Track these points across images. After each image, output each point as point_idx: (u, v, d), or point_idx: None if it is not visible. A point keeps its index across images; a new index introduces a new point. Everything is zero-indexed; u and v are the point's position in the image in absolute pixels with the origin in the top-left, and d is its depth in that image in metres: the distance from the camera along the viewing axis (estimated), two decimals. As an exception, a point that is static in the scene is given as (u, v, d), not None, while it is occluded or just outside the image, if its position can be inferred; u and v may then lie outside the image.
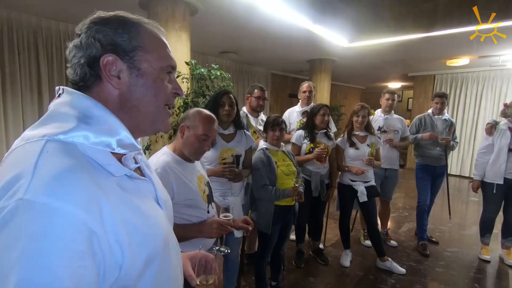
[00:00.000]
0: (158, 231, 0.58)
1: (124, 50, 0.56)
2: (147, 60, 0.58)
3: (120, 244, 0.47)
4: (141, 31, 0.58)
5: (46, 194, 0.42)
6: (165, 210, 0.66)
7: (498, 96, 6.51)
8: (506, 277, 2.74)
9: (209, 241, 1.46)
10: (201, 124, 1.31)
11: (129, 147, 0.56)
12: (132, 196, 0.55)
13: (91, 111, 0.53)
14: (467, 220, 4.20)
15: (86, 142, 0.50)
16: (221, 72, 3.08)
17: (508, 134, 2.80)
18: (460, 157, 6.99)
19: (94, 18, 0.57)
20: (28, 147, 0.48)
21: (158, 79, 0.60)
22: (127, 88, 0.57)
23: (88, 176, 0.47)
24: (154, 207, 0.62)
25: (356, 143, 2.73)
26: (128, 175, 0.56)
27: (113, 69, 0.55)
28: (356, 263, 2.87)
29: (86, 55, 0.54)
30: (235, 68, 6.72)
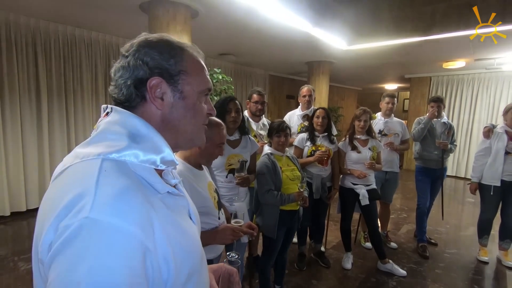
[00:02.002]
0: (196, 247, 0.60)
1: (170, 73, 0.58)
2: (189, 83, 0.61)
3: (167, 261, 0.49)
4: (185, 56, 0.61)
5: (109, 213, 0.43)
6: (196, 225, 0.68)
7: (493, 98, 6.61)
8: (504, 278, 2.79)
9: (219, 247, 1.48)
10: (217, 133, 1.33)
11: (170, 163, 0.59)
12: (174, 212, 0.57)
13: (139, 130, 0.55)
14: (464, 221, 4.27)
15: (135, 160, 0.52)
16: (223, 75, 3.09)
17: (505, 138, 2.86)
18: (456, 158, 7.08)
19: (142, 41, 0.59)
20: (85, 166, 0.49)
21: (197, 101, 0.63)
22: (169, 109, 0.59)
23: (141, 195, 0.49)
24: (190, 223, 0.64)
25: (357, 147, 2.75)
26: (170, 191, 0.58)
27: (158, 91, 0.58)
28: (358, 266, 2.90)
29: (133, 77, 0.57)
30: (234, 70, 6.74)
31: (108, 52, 4.51)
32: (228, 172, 1.86)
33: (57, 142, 4.09)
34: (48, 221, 0.44)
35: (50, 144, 4.06)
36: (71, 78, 4.16)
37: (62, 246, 0.41)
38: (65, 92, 4.13)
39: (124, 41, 4.66)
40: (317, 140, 2.68)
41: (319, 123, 2.65)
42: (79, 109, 4.29)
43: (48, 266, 0.42)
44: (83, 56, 4.25)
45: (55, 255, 0.41)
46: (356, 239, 3.39)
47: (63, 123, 4.14)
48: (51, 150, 4.07)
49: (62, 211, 0.43)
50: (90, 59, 4.34)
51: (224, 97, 1.95)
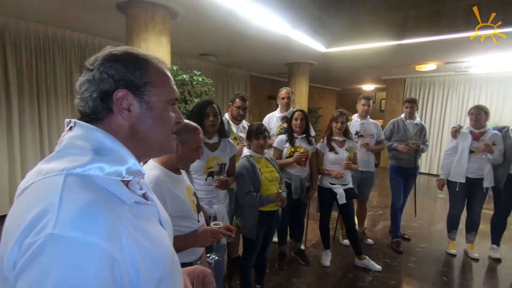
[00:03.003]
0: (165, 252, 0.62)
1: (136, 85, 0.60)
2: (156, 94, 0.62)
3: (136, 269, 0.51)
4: (150, 68, 0.63)
5: (73, 228, 0.44)
6: (167, 230, 0.69)
7: (461, 99, 7.00)
8: (470, 269, 2.98)
9: (199, 250, 1.50)
10: (193, 137, 1.34)
11: (136, 173, 0.60)
12: (142, 221, 0.58)
13: (103, 143, 0.56)
14: (435, 216, 4.50)
15: (100, 174, 0.54)
16: (203, 77, 3.09)
17: (469, 137, 3.05)
18: (429, 156, 7.43)
19: (106, 54, 0.60)
20: (49, 182, 0.50)
21: (164, 111, 0.64)
22: (136, 120, 0.61)
23: (107, 207, 0.50)
24: (160, 229, 0.65)
25: (335, 148, 2.85)
26: (137, 201, 0.60)
27: (125, 103, 0.59)
28: (336, 262, 3.00)
29: (98, 90, 0.58)
30: (215, 70, 6.72)
31: (83, 52, 4.38)
32: (208, 175, 1.88)
33: (28, 147, 3.92)
34: (12, 238, 0.45)
35: (22, 148, 3.88)
36: (44, 79, 4.01)
37: (26, 264, 0.42)
38: (37, 94, 3.97)
39: (101, 40, 4.56)
40: (296, 142, 2.75)
41: (298, 125, 2.72)
42: (52, 111, 4.13)
43: (13, 284, 0.43)
44: (57, 56, 4.10)
45: (20, 272, 0.42)
46: (335, 237, 3.50)
47: (35, 127, 3.97)
48: (23, 155, 3.90)
49: (26, 229, 0.44)
50: (64, 59, 4.19)
51: (201, 101, 1.96)
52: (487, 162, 2.99)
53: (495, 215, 3.18)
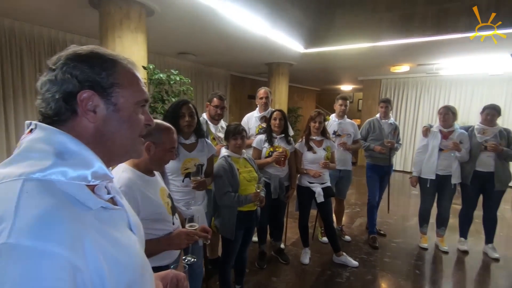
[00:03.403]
0: (135, 258, 0.60)
1: (102, 86, 0.58)
2: (124, 95, 0.60)
3: (101, 277, 0.49)
4: (117, 68, 0.60)
5: (29, 237, 0.42)
6: (137, 236, 0.68)
7: (432, 100, 7.34)
8: (440, 262, 3.13)
9: (175, 252, 1.47)
10: (167, 138, 1.31)
11: (103, 177, 0.58)
12: (109, 227, 0.56)
13: (67, 146, 0.54)
14: (409, 212, 4.68)
15: (63, 179, 0.51)
16: (181, 77, 3.04)
17: (439, 136, 3.20)
18: (403, 154, 7.72)
19: (70, 54, 0.58)
20: (5, 188, 0.47)
21: (133, 113, 0.63)
22: (102, 122, 0.59)
23: (69, 214, 0.48)
24: (129, 235, 0.63)
25: (313, 147, 2.89)
26: (104, 206, 0.57)
27: (90, 104, 0.57)
28: (315, 260, 3.05)
29: (62, 91, 0.55)
30: (194, 69, 6.63)
31: (54, 48, 4.18)
32: (185, 176, 1.85)
33: (-6, 148, 3.70)
34: None
35: (-14, 149, 3.66)
36: (10, 77, 3.78)
37: None
38: (3, 93, 3.74)
39: (73, 37, 4.38)
40: (275, 141, 2.77)
41: (276, 124, 2.74)
42: (20, 112, 3.90)
43: None
44: (25, 53, 3.89)
45: None
46: (314, 235, 3.56)
47: (1, 129, 3.74)
48: (-13, 157, 3.67)
49: None
50: (32, 56, 3.98)
51: (177, 101, 1.92)
52: (455, 159, 3.15)
53: (463, 210, 3.35)
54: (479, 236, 3.47)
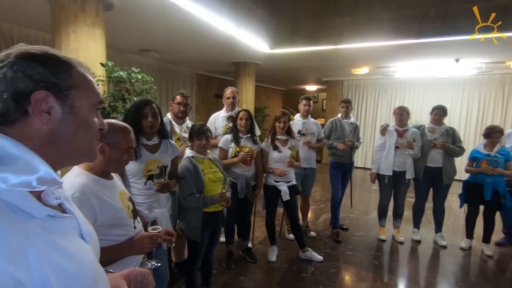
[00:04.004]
0: (86, 267, 0.57)
1: (59, 88, 0.56)
2: (80, 98, 0.59)
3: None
4: (73, 71, 0.59)
5: None
6: (90, 244, 0.65)
7: (389, 101, 7.84)
8: (396, 252, 3.35)
9: (138, 258, 1.42)
10: (123, 138, 1.25)
11: (50, 182, 0.54)
12: (57, 236, 0.53)
13: (8, 151, 0.50)
14: (369, 206, 4.95)
15: (3, 186, 0.47)
16: (143, 75, 2.92)
17: (395, 135, 3.43)
18: (364, 152, 8.16)
19: (22, 52, 0.54)
20: None
21: (89, 116, 0.62)
22: (56, 125, 0.56)
23: (9, 224, 0.45)
24: (80, 244, 0.60)
25: (279, 147, 2.94)
26: (51, 215, 0.54)
27: (44, 105, 0.54)
28: (282, 257, 3.11)
29: (11, 89, 0.52)
30: (158, 67, 6.41)
31: None
32: (147, 178, 1.79)
33: None
34: None
35: None
36: None
37: None
38: None
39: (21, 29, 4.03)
40: (241, 141, 2.77)
41: (243, 124, 2.75)
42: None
43: None
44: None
45: None
46: (281, 232, 3.63)
47: None
48: None
49: None
50: (-28, 48, 3.58)
51: (139, 100, 1.85)
52: (409, 156, 3.40)
53: (416, 203, 3.63)
54: (430, 226, 3.78)
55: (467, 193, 3.34)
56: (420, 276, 2.87)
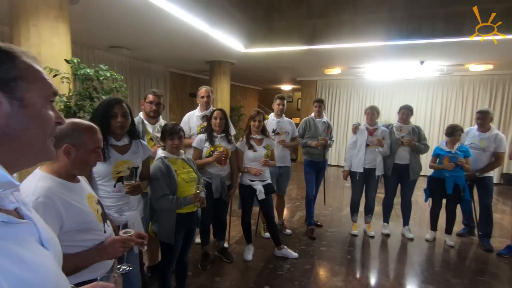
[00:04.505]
0: (45, 276, 0.54)
1: (3, 80, 0.52)
2: (30, 90, 0.55)
3: None
4: (18, 61, 0.55)
5: None
6: (51, 251, 0.61)
7: (360, 100, 8.14)
8: (368, 246, 3.49)
9: (109, 263, 1.36)
10: (89, 138, 1.19)
11: (5, 185, 0.51)
12: (12, 243, 0.50)
13: None
14: (342, 203, 5.11)
15: None
16: (112, 72, 2.80)
17: (366, 133, 3.56)
18: (337, 150, 8.40)
19: None
20: None
21: (42, 108, 0.57)
22: (5, 120, 0.52)
23: None
24: (39, 250, 0.57)
25: (254, 146, 2.95)
26: (5, 221, 0.51)
27: None
28: (258, 256, 3.13)
29: None
30: (129, 65, 6.19)
31: None
32: (117, 180, 1.72)
33: None
34: None
35: None
36: None
37: None
38: None
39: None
40: (216, 141, 2.75)
41: (217, 124, 2.72)
42: None
43: None
44: None
45: None
46: (257, 231, 3.65)
47: None
48: None
49: None
50: None
51: (108, 99, 1.77)
52: (379, 154, 3.55)
53: (385, 198, 3.80)
54: (398, 220, 3.97)
55: (431, 188, 3.55)
56: (389, 268, 3.01)
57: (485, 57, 5.29)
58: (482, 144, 3.43)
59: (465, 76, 6.99)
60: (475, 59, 5.55)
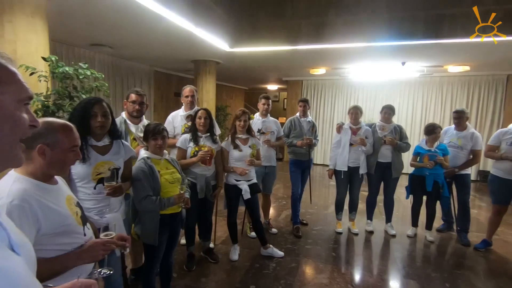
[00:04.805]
0: (15, 282, 0.52)
1: None
2: (3, 92, 0.54)
3: None
4: None
5: None
6: (23, 256, 0.59)
7: (345, 100, 8.28)
8: (352, 243, 3.56)
9: (88, 267, 1.33)
10: (65, 136, 1.15)
11: None
12: None
13: None
14: (328, 201, 5.18)
15: None
16: (92, 71, 2.73)
17: (349, 132, 3.62)
18: (323, 149, 8.51)
19: None
20: None
21: (16, 111, 0.56)
22: None
23: None
24: (8, 256, 0.55)
25: (239, 146, 2.95)
26: None
27: None
28: (244, 255, 3.13)
29: None
30: (111, 64, 6.03)
31: None
32: (97, 182, 1.67)
33: None
34: None
35: None
36: None
37: None
38: None
39: None
40: (200, 141, 2.72)
41: (201, 123, 2.70)
42: None
43: None
44: None
45: None
46: (243, 231, 3.64)
47: None
48: None
49: None
50: None
51: (87, 98, 1.72)
52: (362, 152, 3.62)
53: (369, 196, 3.88)
54: (382, 217, 4.06)
55: (412, 185, 3.65)
56: (373, 264, 3.08)
57: (462, 58, 5.49)
58: (460, 143, 3.56)
59: (444, 77, 7.23)
60: (453, 60, 5.76)
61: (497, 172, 3.27)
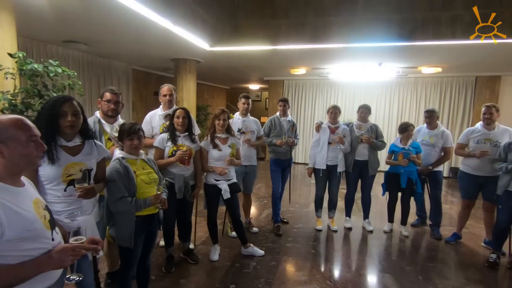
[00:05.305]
0: None
1: None
2: None
3: None
4: None
5: None
6: None
7: (325, 100, 8.43)
8: (331, 240, 3.63)
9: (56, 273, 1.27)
10: (17, 129, 1.09)
11: None
12: None
13: None
14: (309, 199, 5.25)
15: None
16: (64, 68, 2.62)
17: (328, 131, 3.69)
18: (304, 148, 8.62)
19: None
20: None
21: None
22: None
23: None
24: None
25: (218, 145, 2.93)
26: None
27: None
28: (224, 255, 3.11)
29: None
30: (86, 61, 5.81)
31: None
32: (68, 184, 1.61)
33: None
34: None
35: None
36: None
37: None
38: None
39: None
40: (178, 140, 2.68)
41: (179, 123, 2.66)
42: None
43: None
44: None
45: None
46: (223, 231, 3.63)
47: None
48: None
49: None
50: None
51: (55, 97, 1.64)
52: (340, 151, 3.70)
53: (347, 193, 3.97)
54: (359, 214, 4.17)
55: (387, 182, 3.77)
56: (351, 260, 3.15)
57: (435, 60, 5.74)
58: (432, 141, 3.72)
59: (418, 78, 7.52)
60: (426, 62, 6.00)
61: (466, 168, 3.44)
